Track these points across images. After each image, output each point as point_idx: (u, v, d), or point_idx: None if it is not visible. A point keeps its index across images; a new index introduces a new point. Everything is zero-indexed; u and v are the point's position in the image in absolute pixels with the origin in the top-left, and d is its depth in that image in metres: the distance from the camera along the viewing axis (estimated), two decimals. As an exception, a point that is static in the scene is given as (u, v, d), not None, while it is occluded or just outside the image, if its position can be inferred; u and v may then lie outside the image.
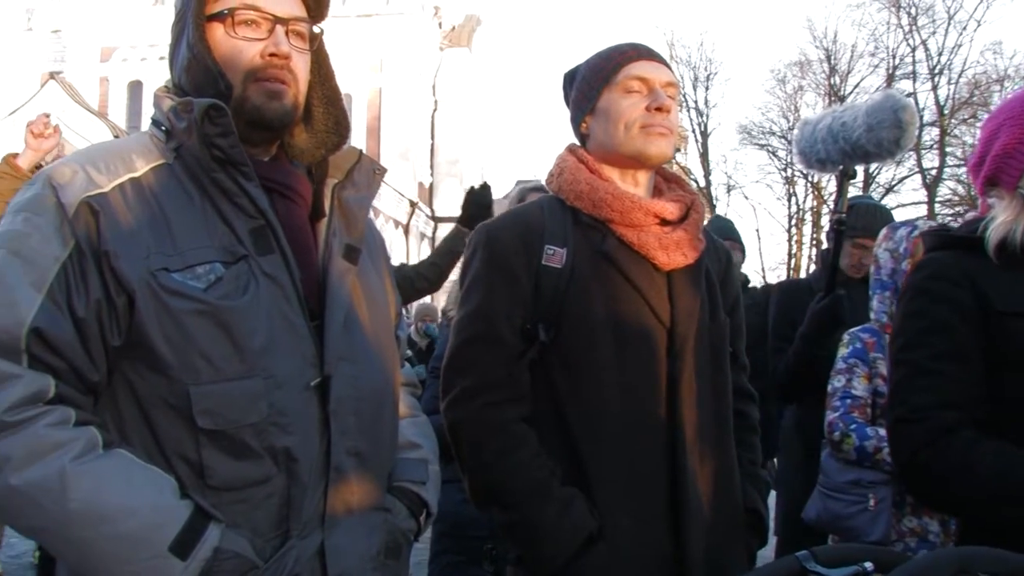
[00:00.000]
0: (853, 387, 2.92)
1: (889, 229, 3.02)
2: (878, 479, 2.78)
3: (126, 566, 1.35)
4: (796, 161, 3.67)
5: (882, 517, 2.75)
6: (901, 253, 2.91)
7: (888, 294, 2.96)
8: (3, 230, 1.46)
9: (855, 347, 2.98)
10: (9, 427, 1.34)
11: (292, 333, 1.49)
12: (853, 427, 2.82)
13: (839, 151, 3.18)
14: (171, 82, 1.65)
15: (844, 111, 3.22)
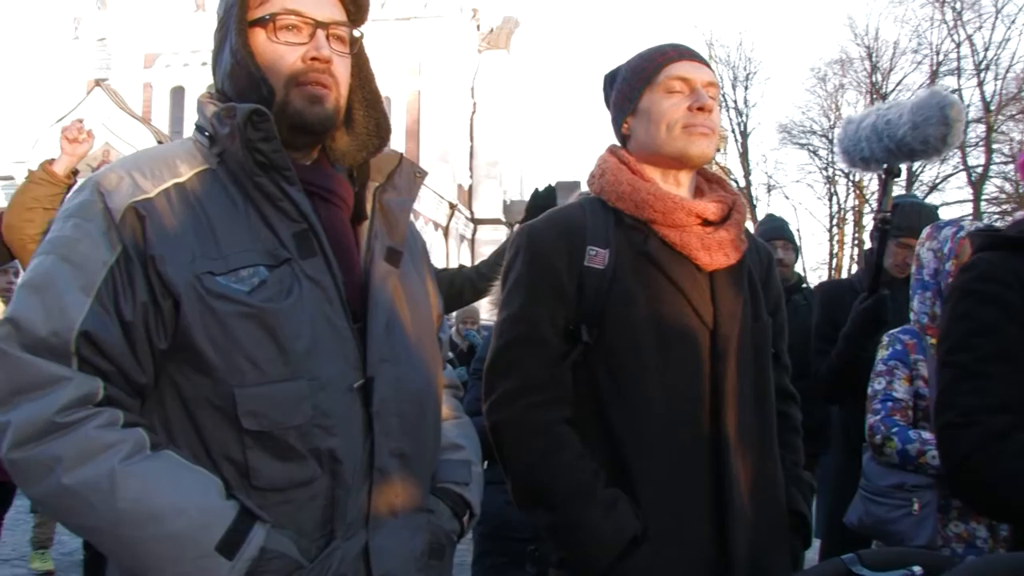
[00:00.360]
0: (894, 389, 2.89)
1: (933, 228, 2.98)
2: (922, 483, 2.74)
3: (174, 565, 1.37)
4: (839, 160, 3.63)
5: (928, 522, 2.71)
6: (945, 253, 2.87)
7: (929, 294, 2.92)
8: (53, 236, 1.48)
9: (895, 349, 2.95)
10: (60, 428, 1.36)
11: (335, 335, 1.50)
12: (895, 430, 2.78)
13: (883, 149, 3.14)
14: (214, 88, 1.66)
15: (889, 109, 3.18)
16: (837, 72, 35.40)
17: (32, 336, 1.40)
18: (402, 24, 32.78)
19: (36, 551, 6.24)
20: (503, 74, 37.37)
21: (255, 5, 1.58)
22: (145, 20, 34.04)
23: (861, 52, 34.69)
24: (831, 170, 35.37)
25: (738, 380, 1.93)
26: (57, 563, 6.30)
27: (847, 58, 35.14)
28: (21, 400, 1.38)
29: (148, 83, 34.14)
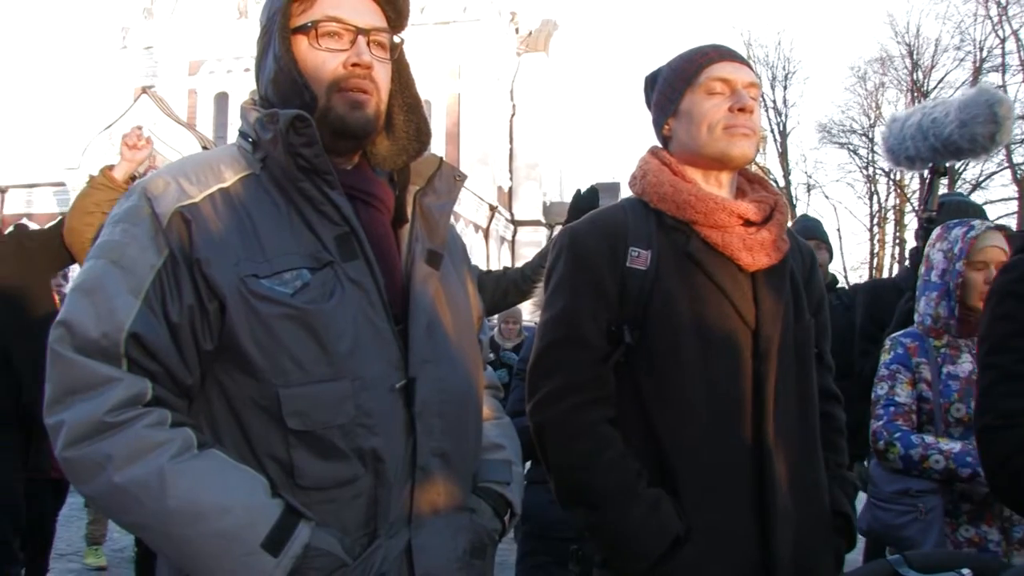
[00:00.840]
0: (896, 394, 2.86)
1: (943, 228, 2.95)
2: (927, 488, 2.72)
3: (221, 562, 1.39)
4: (884, 159, 3.59)
5: (934, 527, 2.69)
6: (956, 253, 2.84)
7: (935, 295, 2.88)
8: (103, 240, 1.51)
9: (897, 353, 2.92)
10: (111, 427, 1.39)
11: (377, 337, 1.51)
12: (897, 435, 2.76)
13: (929, 148, 3.10)
14: (257, 94, 1.68)
15: (935, 107, 3.14)
16: (877, 70, 35.01)
17: (84, 338, 1.43)
18: (441, 28, 32.87)
19: (90, 547, 6.37)
20: (542, 76, 37.34)
21: (297, 13, 1.60)
22: (190, 28, 34.45)
23: (902, 50, 34.27)
24: (871, 169, 34.99)
25: (780, 380, 1.92)
26: (109, 559, 6.43)
27: (887, 56, 34.74)
28: (74, 400, 1.41)
29: (193, 89, 34.54)
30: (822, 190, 40.12)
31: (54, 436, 1.43)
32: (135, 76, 35.66)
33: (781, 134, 35.96)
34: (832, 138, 35.64)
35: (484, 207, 31.31)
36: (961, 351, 2.85)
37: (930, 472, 2.67)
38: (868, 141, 34.63)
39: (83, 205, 3.86)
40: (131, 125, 4.54)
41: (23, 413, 3.95)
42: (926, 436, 2.74)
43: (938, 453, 2.66)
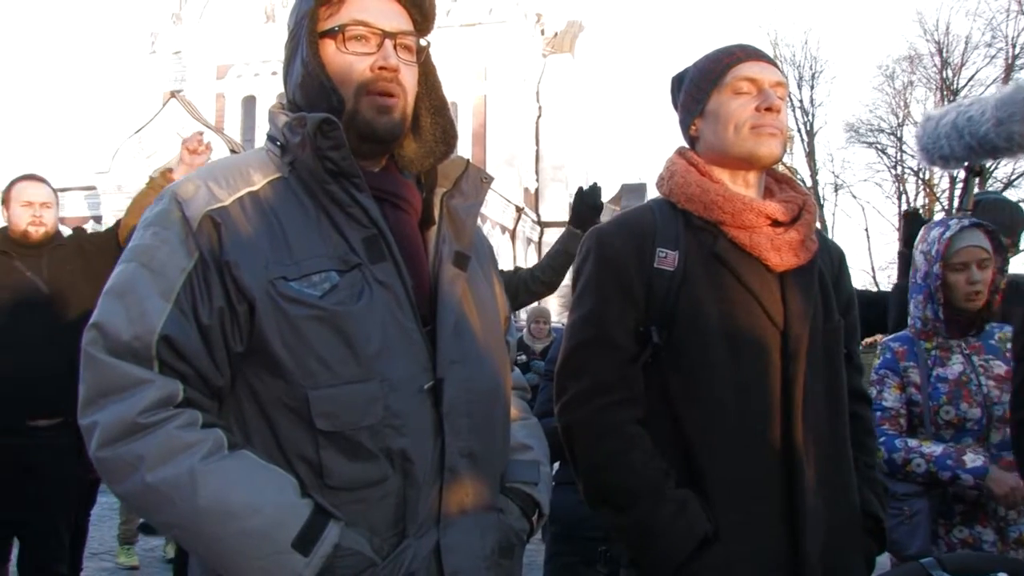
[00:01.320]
0: (884, 398, 2.88)
1: (925, 230, 2.94)
2: (912, 491, 2.75)
3: (252, 561, 1.40)
4: (917, 157, 3.56)
5: (920, 529, 2.72)
6: (933, 256, 2.82)
7: (921, 298, 2.86)
8: (134, 244, 1.53)
9: (885, 357, 2.93)
10: (143, 428, 1.41)
11: (405, 338, 1.52)
12: (882, 440, 2.78)
13: (964, 147, 3.07)
14: (285, 98, 1.70)
15: (970, 105, 3.11)
16: (906, 69, 34.61)
17: (116, 340, 1.44)
18: (467, 30, 32.95)
19: (122, 547, 6.44)
20: (568, 78, 37.35)
21: (325, 17, 1.61)
22: (217, 33, 34.73)
23: (931, 48, 33.85)
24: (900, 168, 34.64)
25: (809, 381, 1.91)
26: (141, 558, 6.52)
27: (916, 54, 34.32)
28: (107, 402, 1.43)
29: (221, 93, 34.80)
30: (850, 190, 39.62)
31: (88, 437, 1.45)
32: (164, 81, 36.02)
33: (808, 134, 35.70)
34: (860, 137, 35.31)
35: (511, 208, 31.34)
36: (952, 352, 2.84)
37: (913, 475, 2.68)
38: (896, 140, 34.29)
39: (140, 206, 3.89)
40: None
41: None
42: (910, 440, 2.76)
43: (919, 457, 2.68)
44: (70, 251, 4.21)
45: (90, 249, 4.27)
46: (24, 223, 4.08)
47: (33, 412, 3.89)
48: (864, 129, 35.07)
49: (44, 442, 3.89)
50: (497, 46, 33.47)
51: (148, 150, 28.23)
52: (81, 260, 4.19)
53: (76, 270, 4.13)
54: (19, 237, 4.08)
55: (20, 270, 4.02)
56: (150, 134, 28.42)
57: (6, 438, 3.86)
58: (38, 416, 3.89)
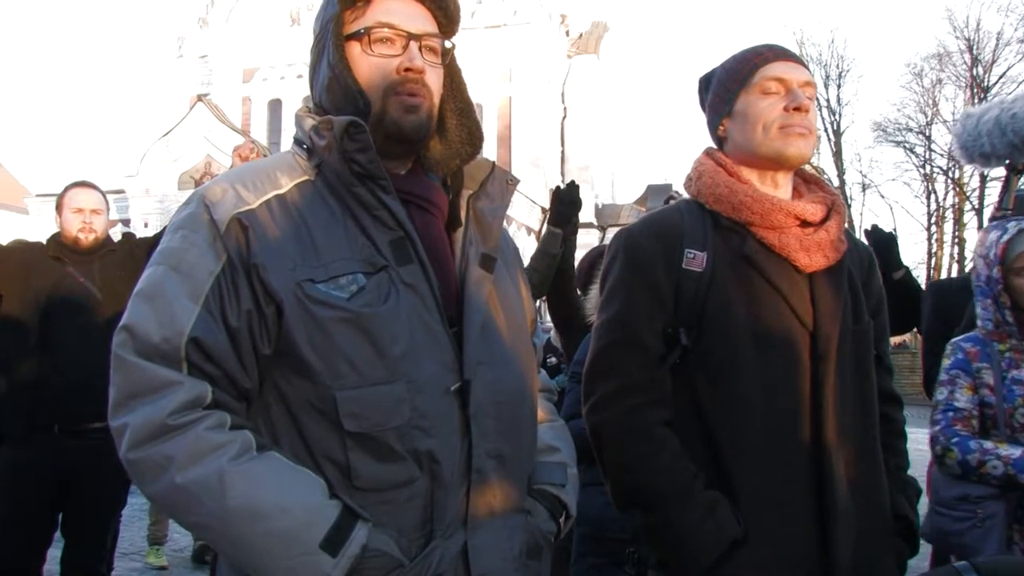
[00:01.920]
0: (956, 399, 2.82)
1: (983, 232, 2.90)
2: (987, 493, 2.68)
3: (280, 562, 1.40)
4: (955, 155, 3.52)
5: (994, 533, 2.65)
6: (991, 259, 2.78)
7: (989, 301, 2.82)
8: (163, 247, 1.54)
9: (957, 358, 2.88)
10: (173, 430, 1.41)
11: (432, 339, 1.52)
12: (955, 440, 2.72)
13: (1007, 144, 3.03)
14: (312, 101, 1.71)
15: (1014, 102, 3.07)
16: (934, 67, 34.40)
17: (146, 342, 1.45)
18: (492, 32, 32.99)
19: (151, 547, 6.50)
20: (593, 78, 37.31)
21: (350, 20, 1.61)
22: (243, 36, 34.96)
23: (960, 45, 33.61)
24: (929, 167, 34.39)
25: (839, 382, 1.89)
26: (169, 559, 6.58)
27: (945, 52, 34.09)
28: (137, 403, 1.44)
29: (247, 97, 35.04)
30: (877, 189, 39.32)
31: (118, 438, 1.45)
32: (191, 84, 36.34)
33: (835, 133, 35.55)
34: (887, 136, 35.14)
35: (536, 210, 31.32)
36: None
37: (988, 478, 2.63)
38: (925, 139, 34.08)
39: None
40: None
41: None
42: (985, 442, 2.70)
43: (996, 459, 2.62)
44: (121, 256, 4.27)
45: (140, 255, 4.30)
46: (75, 229, 4.14)
47: (87, 415, 3.92)
48: (892, 128, 34.90)
49: (95, 445, 3.91)
50: (522, 48, 33.48)
51: (175, 153, 28.49)
52: (131, 265, 4.21)
53: (126, 275, 4.16)
54: (70, 243, 4.14)
55: (73, 276, 4.07)
56: (177, 138, 28.67)
57: (61, 440, 3.92)
58: (92, 420, 3.93)
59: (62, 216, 4.18)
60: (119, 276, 4.14)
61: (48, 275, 4.04)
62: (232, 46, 35.18)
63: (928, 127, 34.16)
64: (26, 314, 3.97)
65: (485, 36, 32.24)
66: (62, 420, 3.91)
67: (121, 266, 4.20)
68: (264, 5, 35.20)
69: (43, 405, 3.90)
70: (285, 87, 33.98)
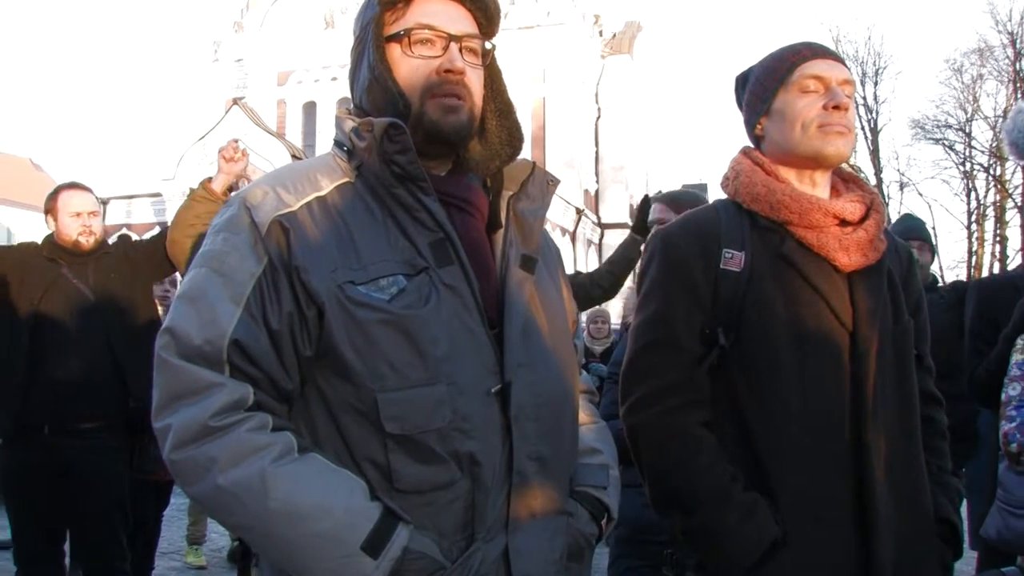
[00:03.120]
0: None
1: None
2: None
3: (322, 563, 1.41)
4: (1008, 153, 3.47)
5: None
6: None
7: None
8: (205, 249, 1.55)
9: None
10: (215, 431, 1.42)
11: (472, 341, 1.52)
12: None
13: None
14: (352, 103, 1.71)
15: None
16: (975, 62, 33.89)
17: (188, 345, 1.46)
18: (525, 33, 32.94)
19: (190, 547, 6.57)
20: (627, 79, 37.16)
21: (390, 22, 1.62)
22: (278, 40, 35.16)
23: (1003, 39, 33.10)
24: (969, 165, 33.91)
25: (879, 382, 1.87)
26: (208, 558, 6.65)
27: (986, 46, 33.56)
28: (180, 405, 1.45)
29: (282, 99, 35.23)
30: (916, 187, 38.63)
31: (162, 440, 1.47)
32: (226, 88, 36.62)
33: (872, 131, 35.14)
34: (926, 134, 34.68)
35: (571, 210, 31.28)
36: None
37: None
38: (965, 136, 33.61)
39: (184, 217, 3.97)
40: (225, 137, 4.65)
41: (130, 417, 4.11)
42: None
43: None
44: (116, 258, 4.31)
45: (135, 257, 4.37)
46: (75, 233, 4.18)
47: (79, 415, 4.01)
48: (931, 125, 34.46)
49: (89, 443, 4.01)
50: (555, 48, 33.41)
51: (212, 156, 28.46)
52: (127, 267, 4.30)
53: (121, 277, 4.24)
54: (69, 246, 4.19)
55: (67, 277, 4.13)
56: (214, 140, 28.83)
57: (53, 439, 3.98)
58: (83, 419, 4.02)
59: (58, 219, 4.22)
60: (113, 278, 4.21)
61: (42, 276, 4.10)
62: (267, 49, 35.40)
63: (968, 123, 33.72)
64: (18, 314, 4.04)
65: (518, 37, 32.19)
66: (52, 420, 3.97)
67: (116, 268, 4.26)
68: (298, 8, 35.38)
69: (33, 405, 3.98)
70: (320, 89, 34.14)
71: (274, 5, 36.00)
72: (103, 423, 4.07)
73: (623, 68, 37.27)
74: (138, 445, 4.27)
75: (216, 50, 38.48)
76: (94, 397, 4.01)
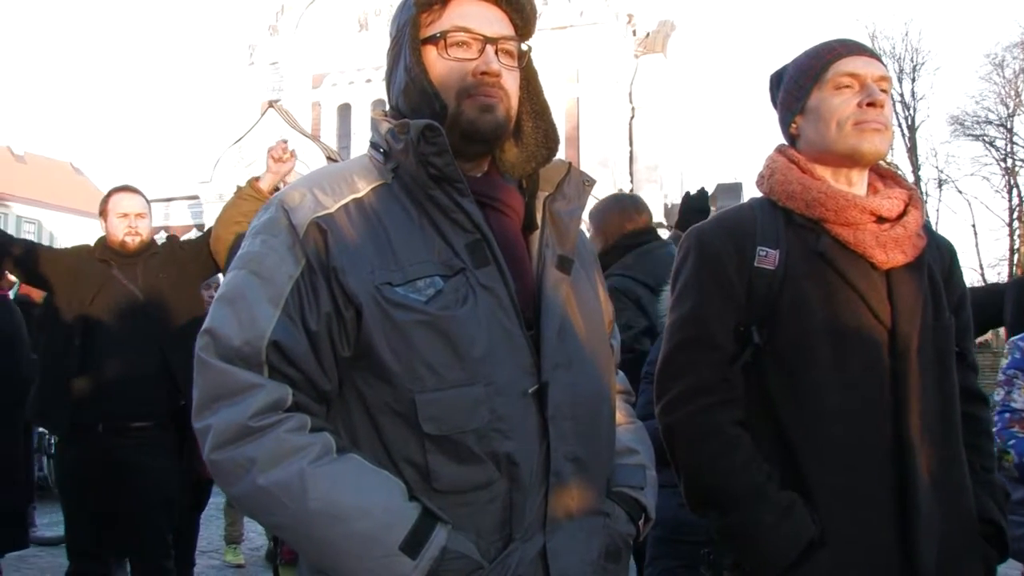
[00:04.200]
0: (1012, 400, 2.75)
1: None
2: None
3: (360, 563, 1.42)
4: None
5: None
6: None
7: None
8: (243, 251, 1.57)
9: (1014, 357, 2.80)
10: (254, 432, 1.44)
11: (509, 342, 1.52)
12: (1012, 442, 2.64)
13: None
14: (388, 105, 1.71)
15: None
16: (1017, 56, 33.36)
17: (227, 346, 1.48)
18: (559, 33, 32.94)
19: (228, 546, 6.63)
20: (660, 78, 37.05)
21: (426, 24, 1.62)
22: (313, 43, 35.42)
23: (1047, 32, 32.50)
24: (1010, 161, 33.40)
25: (920, 380, 1.85)
26: (246, 557, 6.70)
27: (1030, 40, 33.01)
28: (220, 406, 1.46)
29: (316, 102, 35.50)
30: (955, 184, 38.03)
31: (202, 440, 1.48)
32: (262, 91, 36.93)
33: (910, 128, 34.72)
34: (965, 130, 34.19)
35: (604, 210, 31.14)
36: None
37: None
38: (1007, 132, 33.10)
39: (230, 215, 4.02)
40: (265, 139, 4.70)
41: (180, 415, 4.16)
42: None
43: None
44: (163, 259, 4.38)
45: (182, 256, 4.44)
46: (121, 234, 4.26)
47: (130, 414, 4.07)
48: (970, 121, 33.99)
49: (141, 442, 4.07)
50: (589, 48, 33.39)
51: (248, 159, 28.95)
52: (174, 267, 4.36)
53: (169, 277, 4.31)
54: (117, 246, 4.27)
55: (118, 278, 4.20)
56: (250, 143, 29.15)
57: (106, 438, 4.04)
58: (135, 418, 4.08)
59: (108, 221, 4.31)
60: (162, 278, 4.28)
61: (94, 277, 4.19)
62: (302, 52, 35.67)
63: (1010, 119, 33.20)
64: (71, 315, 4.12)
65: (552, 37, 32.19)
66: (105, 419, 4.04)
67: (163, 268, 4.32)
68: (333, 12, 35.61)
69: (87, 404, 4.05)
70: (354, 91, 34.34)
71: (309, 8, 36.27)
72: (154, 422, 4.13)
73: (657, 67, 37.16)
74: (188, 444, 4.33)
75: (251, 53, 38.81)
76: (144, 396, 4.07)
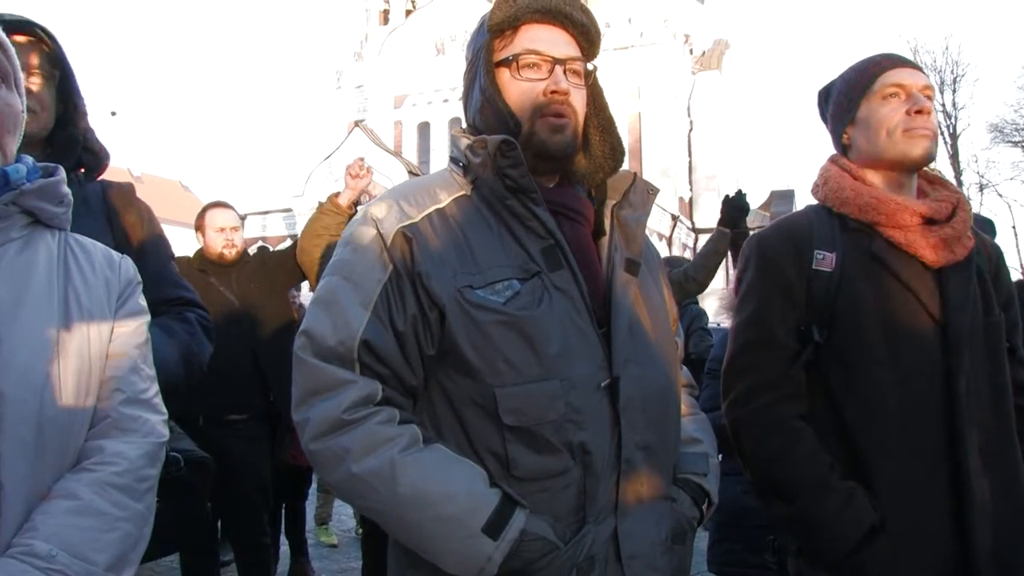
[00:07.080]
0: None
1: None
2: None
3: (446, 544, 1.43)
4: None
5: None
6: None
7: None
8: (336, 259, 1.60)
9: None
10: (348, 424, 1.46)
11: (583, 339, 1.52)
12: None
13: None
14: (466, 123, 1.73)
15: None
16: (1054, 67, 32.24)
17: (323, 345, 1.51)
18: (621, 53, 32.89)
19: (319, 526, 6.72)
20: (716, 93, 36.75)
21: (499, 48, 1.63)
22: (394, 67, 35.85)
23: (1086, 43, 31.43)
24: (1050, 164, 32.29)
25: (972, 374, 1.81)
26: (338, 538, 6.77)
27: (1069, 50, 31.93)
28: (316, 400, 1.49)
29: (398, 121, 35.89)
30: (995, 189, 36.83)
31: (301, 432, 1.51)
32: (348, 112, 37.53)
33: (952, 136, 33.83)
34: (1005, 137, 33.21)
35: (667, 217, 31.05)
36: None
37: None
38: (1045, 137, 32.03)
39: (313, 228, 4.11)
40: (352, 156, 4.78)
41: (271, 409, 4.28)
42: None
43: None
44: (254, 268, 4.49)
45: (271, 265, 4.55)
46: (219, 246, 4.38)
47: (227, 407, 4.16)
48: (1009, 129, 33.01)
49: (237, 433, 4.16)
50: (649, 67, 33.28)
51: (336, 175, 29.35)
52: (264, 276, 4.46)
53: (259, 284, 4.41)
54: (215, 258, 4.39)
55: (215, 286, 4.31)
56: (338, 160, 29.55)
57: (207, 429, 4.12)
58: (231, 411, 4.17)
59: (205, 235, 4.43)
60: (253, 287, 4.38)
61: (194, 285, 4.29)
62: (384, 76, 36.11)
63: (1048, 126, 32.15)
64: None
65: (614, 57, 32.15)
66: (205, 412, 4.11)
67: (255, 277, 4.43)
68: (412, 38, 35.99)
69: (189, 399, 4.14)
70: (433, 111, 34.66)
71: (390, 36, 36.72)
72: (248, 415, 4.22)
73: (713, 83, 36.88)
74: (279, 436, 4.42)
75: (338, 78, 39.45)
76: (239, 392, 4.17)
